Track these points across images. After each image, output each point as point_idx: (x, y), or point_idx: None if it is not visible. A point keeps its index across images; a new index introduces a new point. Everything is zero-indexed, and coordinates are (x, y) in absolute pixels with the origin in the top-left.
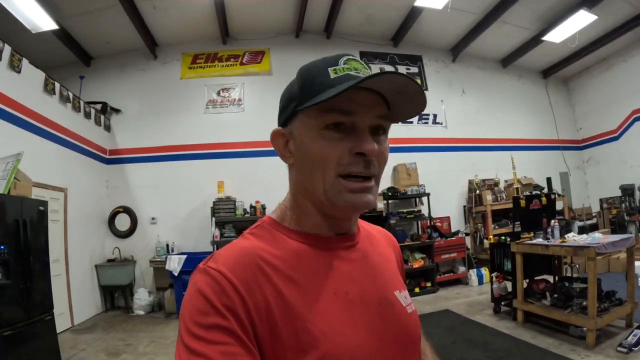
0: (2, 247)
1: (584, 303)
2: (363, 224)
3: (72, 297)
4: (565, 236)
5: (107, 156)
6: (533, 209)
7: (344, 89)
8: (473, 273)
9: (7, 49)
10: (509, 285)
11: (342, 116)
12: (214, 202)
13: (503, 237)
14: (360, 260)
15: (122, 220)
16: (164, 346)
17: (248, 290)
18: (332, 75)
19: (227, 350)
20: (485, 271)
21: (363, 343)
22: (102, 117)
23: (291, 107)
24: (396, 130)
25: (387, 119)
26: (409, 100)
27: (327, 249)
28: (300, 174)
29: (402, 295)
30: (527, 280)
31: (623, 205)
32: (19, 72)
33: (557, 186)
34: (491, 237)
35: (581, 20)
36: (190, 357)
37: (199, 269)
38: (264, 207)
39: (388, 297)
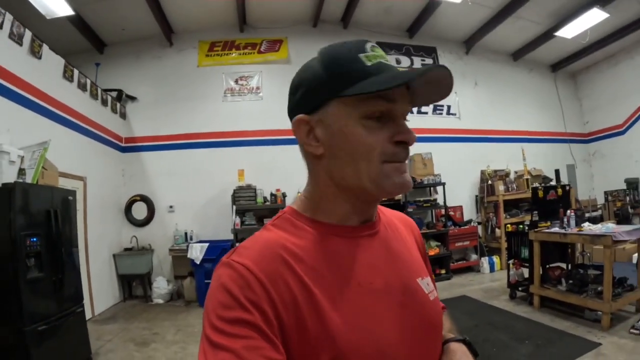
0: (34, 239)
1: (599, 288)
2: (383, 210)
3: (92, 287)
4: (582, 225)
5: (123, 144)
6: (550, 199)
7: (404, 81)
8: (485, 261)
9: (28, 35)
10: (525, 272)
11: (387, 104)
12: (234, 190)
13: (521, 226)
14: (382, 248)
15: (139, 209)
16: (192, 334)
17: (273, 283)
18: (367, 63)
19: (251, 345)
20: (496, 259)
21: (388, 333)
22: (118, 104)
23: (322, 94)
24: (412, 121)
25: (411, 104)
26: (435, 88)
27: (349, 238)
28: (336, 163)
29: (425, 282)
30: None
31: (627, 198)
32: (39, 58)
33: (563, 178)
34: (509, 225)
35: (593, 17)
36: (214, 351)
37: (222, 263)
38: (284, 195)
39: (411, 285)
